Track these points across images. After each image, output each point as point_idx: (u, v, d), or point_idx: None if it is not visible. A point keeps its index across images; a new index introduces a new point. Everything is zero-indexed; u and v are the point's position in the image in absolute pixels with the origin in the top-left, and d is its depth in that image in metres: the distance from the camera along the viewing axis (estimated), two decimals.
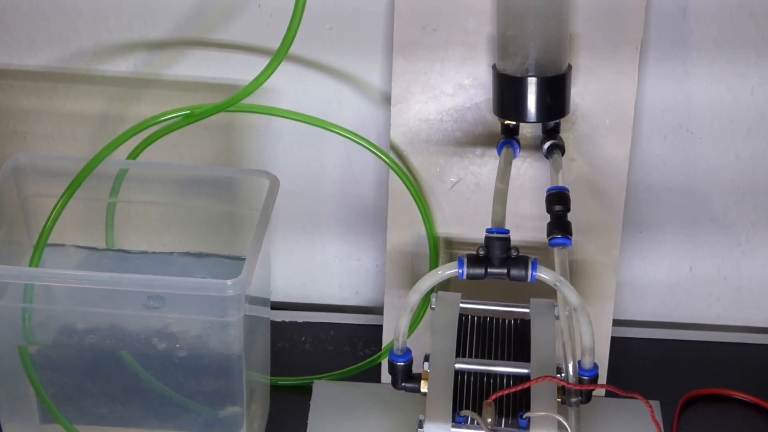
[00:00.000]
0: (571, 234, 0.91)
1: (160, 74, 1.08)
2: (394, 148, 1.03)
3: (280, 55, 0.93)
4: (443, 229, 1.05)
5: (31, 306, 0.91)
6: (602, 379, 1.06)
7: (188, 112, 0.99)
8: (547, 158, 0.98)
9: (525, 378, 0.87)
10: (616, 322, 1.10)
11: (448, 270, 0.86)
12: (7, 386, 0.95)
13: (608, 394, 1.06)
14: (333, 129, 1.02)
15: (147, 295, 0.88)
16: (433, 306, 0.93)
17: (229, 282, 0.85)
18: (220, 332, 0.90)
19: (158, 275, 0.88)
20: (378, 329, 1.11)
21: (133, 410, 0.96)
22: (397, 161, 1.03)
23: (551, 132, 0.98)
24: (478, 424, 0.84)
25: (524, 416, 0.84)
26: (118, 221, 1.02)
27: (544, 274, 0.85)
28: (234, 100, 0.97)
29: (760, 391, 1.08)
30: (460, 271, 0.85)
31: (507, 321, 0.93)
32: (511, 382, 0.87)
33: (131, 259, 1.02)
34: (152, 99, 1.08)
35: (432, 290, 0.90)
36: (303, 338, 1.14)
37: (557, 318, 0.92)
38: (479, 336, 0.92)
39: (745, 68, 1.06)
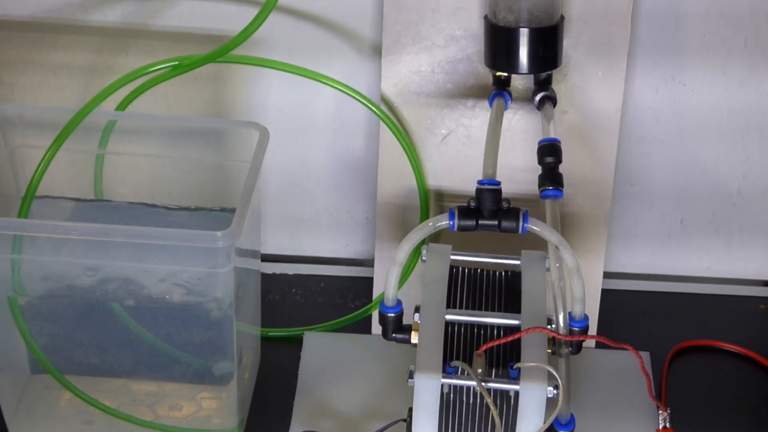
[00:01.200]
0: (562, 186, 0.91)
1: (148, 25, 1.07)
2: (385, 100, 1.02)
3: (269, 6, 0.92)
4: (434, 182, 1.05)
5: (20, 257, 0.91)
6: (592, 330, 1.07)
7: (177, 63, 0.98)
8: (539, 110, 0.98)
9: (515, 329, 0.87)
10: (607, 275, 1.10)
11: (439, 222, 0.86)
12: None
13: (598, 345, 1.06)
14: (323, 80, 1.01)
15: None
16: (423, 258, 0.93)
17: (219, 233, 0.85)
18: (211, 284, 0.90)
19: (148, 226, 0.87)
20: (368, 281, 1.11)
21: (124, 361, 0.96)
22: (388, 113, 1.02)
23: (543, 83, 0.98)
24: (468, 374, 0.84)
25: (514, 367, 0.84)
26: (107, 173, 1.02)
27: (534, 226, 0.85)
28: (223, 50, 0.96)
29: (749, 342, 1.08)
30: (451, 222, 0.85)
31: (498, 273, 0.93)
32: (502, 333, 0.87)
33: (121, 210, 1.01)
34: (140, 50, 1.07)
35: (423, 242, 0.90)
36: (293, 290, 1.14)
37: (548, 270, 0.92)
38: (470, 287, 0.92)
39: (738, 19, 1.05)
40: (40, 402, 0.99)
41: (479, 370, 0.83)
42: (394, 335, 0.90)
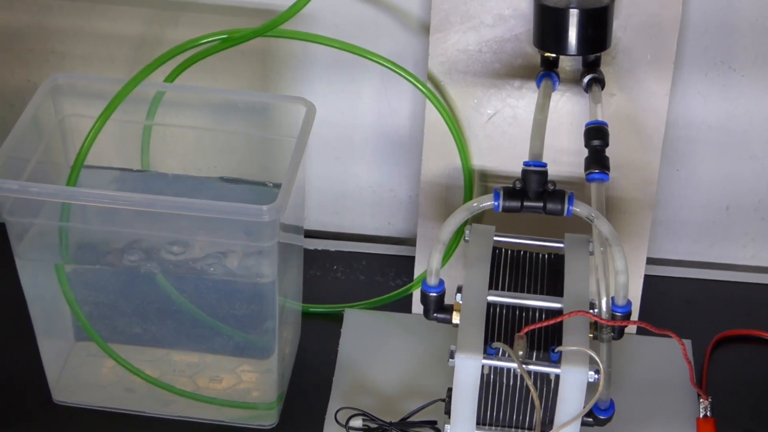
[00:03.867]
0: (608, 169, 0.91)
1: None
2: (432, 78, 1.02)
3: None
4: (478, 162, 1.04)
5: (68, 225, 0.91)
6: (635, 316, 1.06)
7: (226, 36, 0.99)
8: (587, 92, 0.97)
9: (558, 312, 0.87)
10: (650, 260, 1.10)
11: (483, 202, 0.85)
12: (43, 303, 0.96)
13: (640, 331, 1.06)
14: (370, 57, 1.01)
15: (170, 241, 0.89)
16: (466, 238, 0.93)
17: (264, 207, 0.85)
18: (255, 257, 0.91)
19: (193, 198, 0.88)
20: (410, 260, 1.11)
21: (166, 331, 0.96)
22: (434, 91, 1.02)
23: (591, 65, 0.97)
24: (509, 356, 0.84)
25: (556, 350, 0.84)
26: (154, 144, 1.03)
27: (580, 209, 0.85)
28: (272, 25, 0.97)
29: None
30: (496, 203, 0.85)
31: (541, 255, 0.93)
32: (544, 316, 0.87)
33: (167, 181, 1.02)
34: (190, 22, 1.08)
35: (466, 222, 0.90)
36: (335, 267, 1.15)
37: (592, 254, 0.92)
38: (512, 269, 0.91)
39: None
40: (83, 369, 1.00)
41: (520, 352, 0.83)
42: (435, 315, 0.90)
